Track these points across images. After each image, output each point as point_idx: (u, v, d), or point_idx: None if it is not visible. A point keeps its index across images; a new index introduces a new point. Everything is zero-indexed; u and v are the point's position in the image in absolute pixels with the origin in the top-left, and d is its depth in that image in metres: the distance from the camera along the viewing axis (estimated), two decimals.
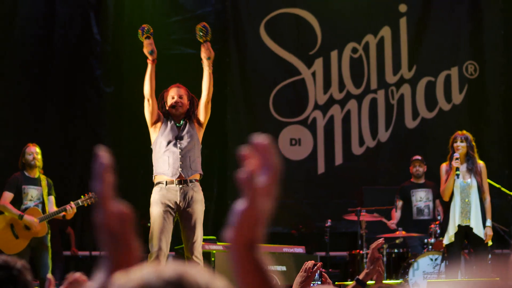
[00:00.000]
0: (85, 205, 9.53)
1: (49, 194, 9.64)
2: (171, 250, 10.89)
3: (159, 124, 7.80)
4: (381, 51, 12.90)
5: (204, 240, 8.02)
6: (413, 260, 10.10)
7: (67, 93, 12.48)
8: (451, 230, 9.15)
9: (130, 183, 11.98)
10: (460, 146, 9.11)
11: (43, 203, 9.54)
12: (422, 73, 12.88)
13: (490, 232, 9.17)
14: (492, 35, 12.94)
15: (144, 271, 1.30)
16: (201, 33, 7.71)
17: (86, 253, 11.82)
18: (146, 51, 7.65)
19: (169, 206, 7.46)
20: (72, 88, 12.53)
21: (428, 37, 12.94)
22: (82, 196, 9.53)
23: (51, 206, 9.57)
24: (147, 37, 7.63)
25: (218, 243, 8.92)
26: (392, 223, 11.00)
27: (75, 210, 9.41)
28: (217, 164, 12.54)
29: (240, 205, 1.43)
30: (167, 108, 7.83)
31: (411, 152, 11.52)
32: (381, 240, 4.30)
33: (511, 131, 12.77)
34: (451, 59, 12.91)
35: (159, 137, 7.74)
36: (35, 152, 9.64)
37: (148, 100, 7.77)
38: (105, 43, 12.68)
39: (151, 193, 7.60)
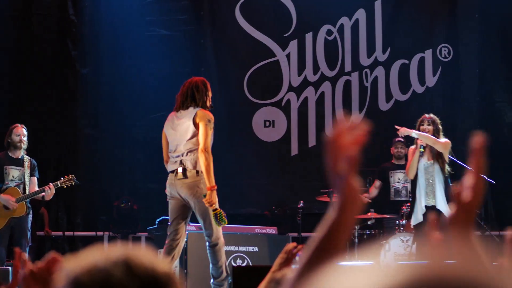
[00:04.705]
0: (64, 186, 9.53)
1: (31, 175, 9.62)
2: (144, 231, 10.96)
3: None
4: (355, 34, 12.92)
5: None
6: (384, 241, 10.13)
7: (45, 74, 12.46)
8: (419, 211, 9.22)
9: (115, 162, 12.07)
10: (427, 129, 9.19)
11: (24, 183, 9.53)
12: (396, 56, 12.92)
13: None
14: (466, 19, 12.96)
15: (92, 254, 1.36)
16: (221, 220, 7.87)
17: (60, 233, 11.85)
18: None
19: None
20: (50, 70, 12.50)
21: (402, 20, 12.96)
22: (61, 178, 9.54)
23: (33, 187, 9.55)
24: None
25: (190, 224, 8.98)
26: (365, 196, 10.94)
27: (53, 191, 9.42)
28: None
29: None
30: (209, 103, 8.00)
31: (384, 135, 11.54)
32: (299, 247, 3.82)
33: (485, 114, 12.83)
34: (425, 42, 12.96)
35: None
36: (22, 134, 9.62)
37: None
38: (81, 24, 12.65)
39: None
